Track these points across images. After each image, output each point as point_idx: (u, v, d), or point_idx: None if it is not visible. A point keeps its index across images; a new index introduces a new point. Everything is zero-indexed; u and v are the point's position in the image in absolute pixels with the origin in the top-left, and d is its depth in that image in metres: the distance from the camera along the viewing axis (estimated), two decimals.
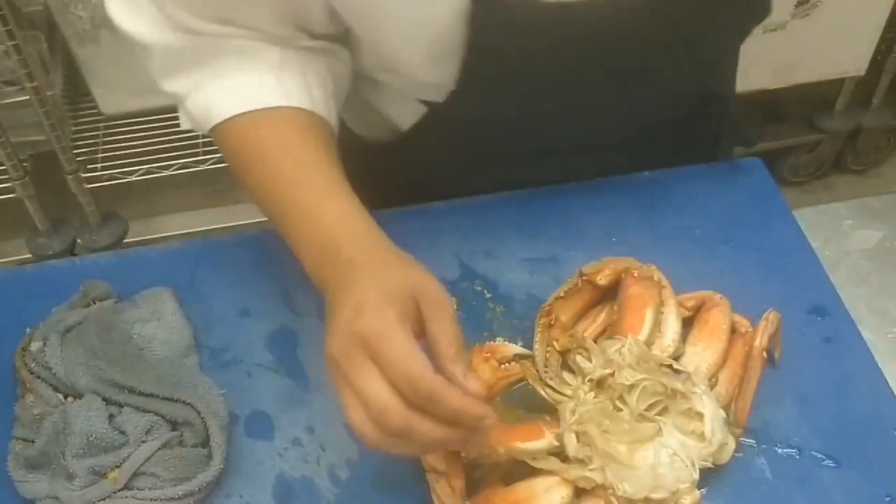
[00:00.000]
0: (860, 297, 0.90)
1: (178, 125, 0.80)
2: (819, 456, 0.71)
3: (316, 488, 0.70)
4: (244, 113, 0.73)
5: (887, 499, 0.68)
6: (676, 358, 0.71)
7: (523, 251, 0.84)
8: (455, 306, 0.80)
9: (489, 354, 0.73)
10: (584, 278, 0.76)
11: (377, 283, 0.61)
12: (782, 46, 1.78)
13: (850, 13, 1.77)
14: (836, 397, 0.74)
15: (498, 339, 0.77)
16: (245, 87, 0.74)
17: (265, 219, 0.75)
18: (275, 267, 0.83)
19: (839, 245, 0.94)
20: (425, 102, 0.81)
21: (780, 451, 0.71)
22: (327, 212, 0.68)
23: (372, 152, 0.91)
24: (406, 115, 0.84)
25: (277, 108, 0.73)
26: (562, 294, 0.76)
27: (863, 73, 1.92)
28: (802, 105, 2.07)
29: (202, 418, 0.70)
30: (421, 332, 0.60)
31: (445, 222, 0.86)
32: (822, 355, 0.77)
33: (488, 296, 0.81)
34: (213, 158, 1.78)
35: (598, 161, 0.89)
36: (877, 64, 1.92)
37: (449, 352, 0.59)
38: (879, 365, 0.76)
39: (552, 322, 0.74)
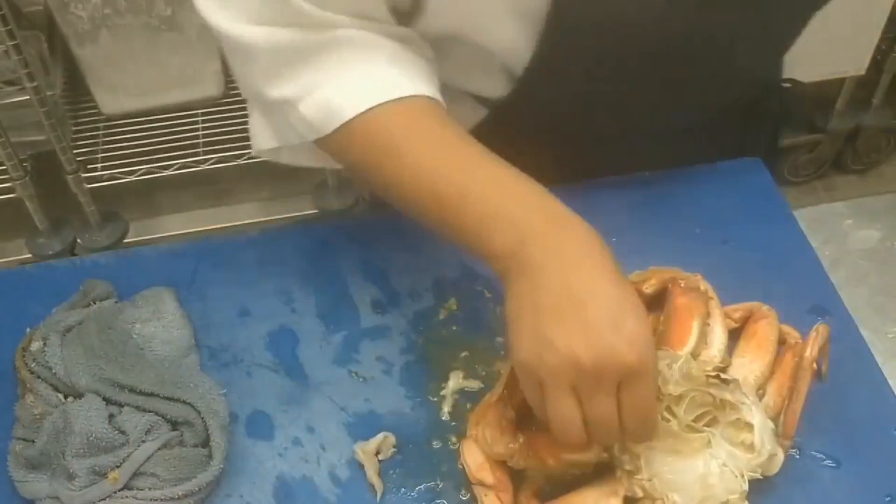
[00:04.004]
0: (860, 296, 0.90)
1: (178, 125, 0.80)
2: (819, 456, 0.71)
3: (316, 488, 0.70)
4: (374, 107, 0.68)
5: (887, 499, 0.68)
6: (723, 369, 0.69)
7: None
8: (455, 306, 0.80)
9: None
10: None
11: (632, 306, 0.59)
12: None
13: (849, 13, 1.76)
14: (836, 397, 0.74)
15: None
16: (371, 81, 0.70)
17: (265, 218, 0.74)
18: (275, 267, 0.83)
19: (839, 245, 0.94)
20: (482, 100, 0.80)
21: None
22: (513, 187, 0.65)
23: None
24: (489, 87, 0.81)
25: (408, 97, 0.69)
26: None
27: (863, 72, 1.91)
28: (802, 105, 2.07)
29: (202, 418, 0.70)
30: None
31: None
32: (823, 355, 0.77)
33: (488, 296, 0.81)
34: (213, 158, 1.78)
35: (645, 151, 0.88)
36: (877, 64, 1.92)
37: None
38: (879, 365, 0.76)
39: None
